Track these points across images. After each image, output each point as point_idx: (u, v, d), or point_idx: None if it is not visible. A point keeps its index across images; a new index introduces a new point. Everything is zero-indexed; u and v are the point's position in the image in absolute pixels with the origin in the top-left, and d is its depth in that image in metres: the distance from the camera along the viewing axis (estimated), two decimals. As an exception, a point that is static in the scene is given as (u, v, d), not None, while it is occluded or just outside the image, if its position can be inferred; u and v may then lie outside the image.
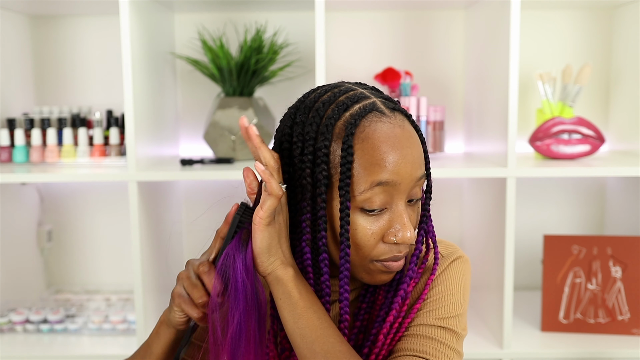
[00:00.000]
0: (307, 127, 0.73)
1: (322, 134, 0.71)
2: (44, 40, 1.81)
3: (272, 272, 0.71)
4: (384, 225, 0.72)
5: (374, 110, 0.72)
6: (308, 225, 0.72)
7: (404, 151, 0.71)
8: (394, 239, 0.72)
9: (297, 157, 0.73)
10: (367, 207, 0.71)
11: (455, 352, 0.75)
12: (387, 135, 0.70)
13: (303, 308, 0.70)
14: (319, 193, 0.71)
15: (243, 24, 1.79)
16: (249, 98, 1.59)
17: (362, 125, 0.71)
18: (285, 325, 0.71)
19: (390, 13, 1.79)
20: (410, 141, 0.72)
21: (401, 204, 0.72)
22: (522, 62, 1.79)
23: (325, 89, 0.76)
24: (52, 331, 1.59)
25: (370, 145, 0.70)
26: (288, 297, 0.70)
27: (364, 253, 0.72)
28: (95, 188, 1.85)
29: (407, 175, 0.71)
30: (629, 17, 1.69)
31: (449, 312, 0.77)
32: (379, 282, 0.76)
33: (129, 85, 1.39)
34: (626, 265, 1.53)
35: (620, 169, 1.42)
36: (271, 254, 0.71)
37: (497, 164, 1.46)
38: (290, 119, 0.76)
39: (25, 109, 1.77)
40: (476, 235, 1.69)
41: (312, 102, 0.75)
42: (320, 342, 0.69)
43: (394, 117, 0.73)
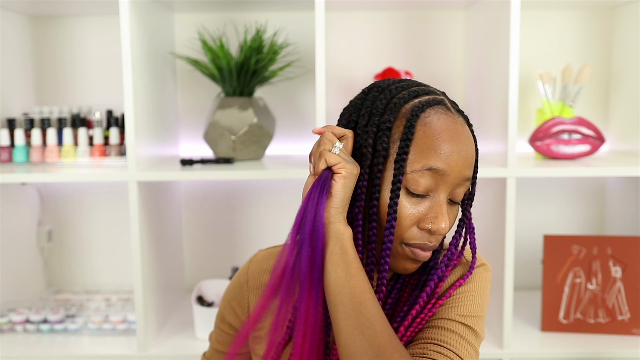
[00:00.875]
0: (376, 102, 0.77)
1: (390, 110, 0.76)
2: (44, 40, 1.81)
3: (335, 222, 0.73)
4: (423, 210, 0.75)
5: (441, 104, 0.76)
6: (363, 192, 0.75)
7: (459, 146, 0.75)
8: (429, 226, 0.74)
9: (362, 127, 0.77)
10: (413, 188, 0.74)
11: (474, 349, 0.77)
12: (448, 126, 0.75)
13: (357, 268, 0.72)
14: (376, 163, 0.74)
15: (243, 24, 1.79)
16: (249, 98, 1.59)
17: (427, 111, 0.75)
18: (334, 282, 0.71)
19: (390, 13, 1.79)
20: (467, 140, 0.76)
21: (443, 195, 0.75)
22: (522, 62, 1.79)
23: (401, 79, 0.82)
24: (52, 331, 1.59)
25: (431, 130, 0.74)
26: (344, 253, 0.72)
27: (398, 232, 0.75)
28: (95, 188, 1.85)
29: (457, 169, 0.74)
30: (629, 17, 1.69)
31: (470, 311, 0.78)
32: (402, 269, 0.77)
33: (129, 85, 1.39)
34: (626, 265, 1.53)
35: (620, 169, 1.42)
36: (342, 209, 0.73)
37: (497, 164, 1.46)
38: (363, 94, 0.81)
39: (25, 109, 1.77)
40: (476, 235, 1.69)
41: (385, 84, 0.80)
42: (368, 305, 0.70)
43: (457, 116, 0.77)
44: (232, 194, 1.85)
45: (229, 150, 1.59)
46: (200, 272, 1.88)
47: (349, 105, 0.82)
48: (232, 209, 1.85)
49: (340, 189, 0.72)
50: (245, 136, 1.57)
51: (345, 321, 0.69)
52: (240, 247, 1.87)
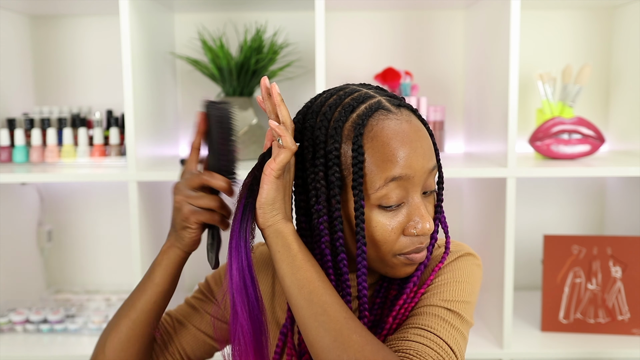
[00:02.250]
0: (316, 132, 0.74)
1: (332, 137, 0.73)
2: (44, 40, 1.81)
3: (272, 224, 0.73)
4: (403, 219, 0.74)
5: (380, 109, 0.73)
6: (326, 227, 0.74)
7: (413, 145, 0.72)
8: (414, 231, 0.73)
9: (309, 161, 0.75)
10: (384, 203, 0.72)
11: (460, 333, 0.75)
12: (395, 131, 0.72)
13: (302, 260, 0.71)
14: (333, 195, 0.72)
15: (243, 24, 1.79)
16: (249, 98, 1.59)
17: (369, 124, 0.72)
18: (283, 278, 0.72)
19: (390, 13, 1.79)
20: (419, 134, 0.74)
21: (417, 197, 0.74)
22: (522, 62, 1.79)
23: (331, 92, 0.78)
24: (52, 331, 1.59)
25: (380, 142, 0.71)
26: (287, 249, 0.72)
27: (387, 249, 0.74)
28: (95, 188, 1.85)
29: (420, 167, 0.73)
30: (629, 17, 1.69)
31: (454, 296, 0.77)
32: (403, 274, 0.77)
33: (129, 85, 1.39)
34: (626, 265, 1.53)
35: (620, 169, 1.42)
36: (275, 207, 0.73)
37: (497, 164, 1.46)
38: (299, 124, 0.78)
39: (25, 109, 1.77)
40: (476, 236, 1.69)
41: (318, 106, 0.77)
42: (319, 293, 0.70)
43: (400, 113, 0.74)
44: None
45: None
46: (200, 272, 1.88)
47: None
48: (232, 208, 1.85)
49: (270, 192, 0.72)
50: (245, 136, 1.57)
51: (300, 312, 0.70)
52: (240, 247, 1.87)
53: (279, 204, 0.73)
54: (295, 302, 0.70)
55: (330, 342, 0.67)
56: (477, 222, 1.67)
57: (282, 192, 0.73)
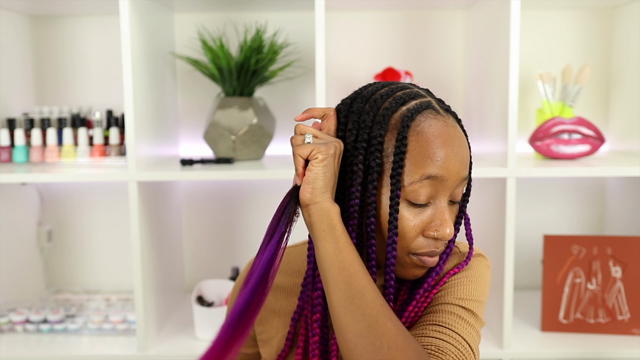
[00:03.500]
0: (363, 116, 0.76)
1: (378, 123, 0.74)
2: (44, 40, 1.81)
3: (320, 201, 0.72)
4: (426, 219, 0.74)
5: (429, 108, 0.75)
6: (356, 210, 0.74)
7: (454, 149, 0.74)
8: (435, 233, 0.74)
9: (351, 143, 0.76)
10: (413, 199, 0.73)
11: (475, 330, 0.76)
12: (440, 131, 0.74)
13: (345, 242, 0.72)
14: (371, 180, 0.73)
15: (243, 24, 1.79)
16: (249, 98, 1.59)
17: (417, 119, 0.74)
18: (324, 257, 0.71)
19: (390, 13, 1.79)
20: (461, 141, 0.75)
21: (444, 201, 0.75)
22: (522, 62, 1.79)
23: (383, 84, 0.80)
24: (52, 331, 1.59)
25: (424, 139, 0.73)
26: (332, 229, 0.72)
27: (403, 244, 0.75)
28: (95, 188, 1.85)
29: (455, 172, 0.74)
30: (629, 17, 1.69)
31: (468, 295, 0.78)
32: (411, 276, 0.77)
33: (129, 85, 1.39)
34: (626, 265, 1.53)
35: (620, 169, 1.42)
36: (326, 185, 0.73)
37: (497, 164, 1.46)
38: (346, 107, 0.79)
39: (25, 109, 1.77)
40: (476, 235, 1.69)
41: (369, 93, 0.78)
42: (359, 277, 0.70)
43: (447, 117, 0.76)
44: (232, 194, 1.85)
45: (229, 150, 1.59)
46: (200, 272, 1.88)
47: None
48: (232, 209, 1.85)
49: (320, 172, 0.72)
50: (245, 136, 1.57)
51: (337, 294, 0.70)
52: (241, 247, 1.87)
53: (329, 187, 0.73)
54: (333, 283, 0.70)
55: (364, 327, 0.67)
56: (477, 222, 1.67)
57: (332, 178, 0.73)
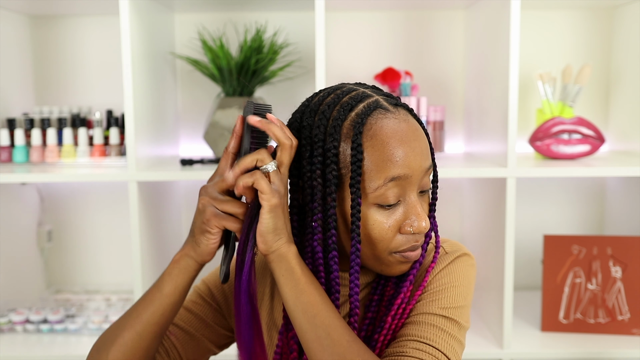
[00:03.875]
0: (314, 130, 0.74)
1: (331, 135, 0.73)
2: (44, 40, 1.81)
3: (275, 249, 0.72)
4: (400, 217, 0.74)
5: (378, 108, 0.74)
6: (320, 225, 0.74)
7: (412, 144, 0.73)
8: (411, 229, 0.74)
9: (306, 159, 0.75)
10: (383, 202, 0.73)
11: (457, 341, 0.76)
12: (394, 130, 0.73)
13: (305, 284, 0.72)
14: (329, 192, 0.73)
15: (243, 24, 1.79)
16: (249, 98, 1.59)
17: (368, 123, 0.73)
18: (287, 301, 0.72)
19: (390, 13, 1.79)
20: (416, 134, 0.74)
21: (414, 195, 0.75)
22: (522, 62, 1.79)
23: (328, 91, 0.78)
24: (52, 331, 1.59)
25: (379, 142, 0.72)
26: (291, 273, 0.72)
27: (383, 246, 0.74)
28: (95, 188, 1.85)
29: (418, 167, 0.73)
30: (629, 17, 1.69)
31: (451, 303, 0.78)
32: (398, 272, 0.78)
33: (129, 85, 1.39)
34: (626, 265, 1.53)
35: (620, 169, 1.42)
36: (277, 233, 0.72)
37: (497, 164, 1.46)
38: (297, 123, 0.78)
39: (25, 109, 1.77)
40: (476, 235, 1.69)
41: (316, 105, 0.77)
42: (322, 316, 0.70)
43: (397, 112, 0.75)
44: (232, 194, 1.85)
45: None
46: (200, 272, 1.88)
47: None
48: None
49: (271, 223, 0.71)
50: (245, 136, 1.57)
51: (304, 336, 0.71)
52: (240, 247, 1.87)
53: (281, 228, 0.72)
54: (298, 325, 0.71)
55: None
56: (477, 222, 1.67)
57: (282, 216, 0.72)
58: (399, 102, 0.77)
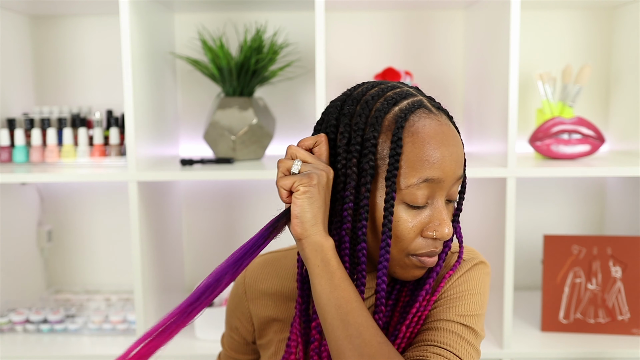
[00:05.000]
0: (355, 119, 0.74)
1: (372, 125, 0.72)
2: (44, 40, 1.81)
3: (312, 235, 0.70)
4: (424, 220, 0.73)
5: (422, 107, 0.74)
6: (350, 214, 0.73)
7: (450, 149, 0.73)
8: (433, 234, 0.73)
9: (343, 147, 0.74)
10: (412, 202, 0.72)
11: (475, 349, 0.76)
12: (435, 131, 0.72)
13: (340, 278, 0.70)
14: (364, 183, 0.72)
15: (243, 24, 1.79)
16: (249, 98, 1.59)
17: (411, 119, 0.72)
18: (320, 294, 0.70)
19: (390, 13, 1.79)
20: (455, 140, 0.74)
21: (441, 201, 0.74)
22: (522, 62, 1.79)
23: (372, 84, 0.78)
24: (52, 331, 1.59)
25: (420, 140, 0.72)
26: (327, 265, 0.70)
27: (402, 246, 0.74)
28: (95, 188, 1.85)
29: (451, 172, 0.73)
30: (629, 17, 1.69)
31: (469, 310, 0.78)
32: (411, 277, 0.76)
33: (129, 85, 1.39)
34: (626, 265, 1.53)
35: (620, 169, 1.42)
36: (315, 218, 0.70)
37: (497, 164, 1.46)
38: (337, 110, 0.77)
39: (25, 109, 1.77)
40: (476, 235, 1.69)
41: (359, 95, 0.76)
42: (355, 314, 0.69)
43: (440, 115, 0.75)
44: (232, 194, 1.85)
45: (229, 150, 1.59)
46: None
47: (320, 122, 0.79)
48: (232, 209, 1.85)
49: (306, 204, 0.70)
50: (245, 136, 1.57)
51: (334, 332, 0.69)
52: (240, 247, 1.86)
53: (320, 219, 0.71)
54: (330, 321, 0.69)
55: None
56: (477, 222, 1.67)
57: (323, 209, 0.71)
58: (441, 106, 0.77)
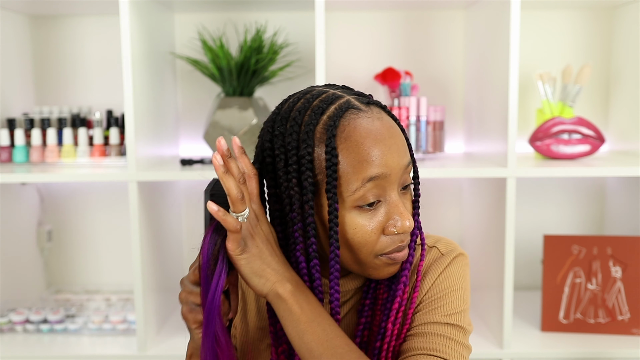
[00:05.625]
0: (287, 138, 0.72)
1: (304, 141, 0.71)
2: (44, 40, 1.81)
3: (268, 291, 0.71)
4: (382, 218, 0.72)
5: (350, 108, 0.72)
6: (300, 234, 0.72)
7: (387, 142, 0.71)
8: (395, 229, 0.72)
9: (282, 169, 0.73)
10: (362, 203, 0.71)
11: (464, 347, 0.76)
12: (368, 130, 0.71)
13: (306, 323, 0.70)
14: (306, 200, 0.71)
15: (243, 24, 1.79)
16: (249, 98, 1.59)
17: (341, 125, 0.71)
18: (292, 341, 0.71)
19: (390, 13, 1.79)
20: (391, 131, 0.72)
21: (394, 194, 0.72)
22: (522, 62, 1.79)
23: (297, 96, 0.76)
24: (52, 331, 1.59)
25: (354, 143, 0.70)
26: (289, 313, 0.70)
27: (368, 250, 0.72)
28: (95, 188, 1.85)
29: (395, 165, 0.71)
30: (629, 17, 1.69)
31: (453, 308, 0.77)
32: (386, 275, 0.76)
33: (129, 85, 1.39)
34: (626, 265, 1.53)
35: (620, 169, 1.42)
36: (261, 276, 0.71)
37: (497, 164, 1.46)
38: (269, 132, 0.75)
39: (25, 109, 1.77)
40: (476, 235, 1.69)
41: (287, 112, 0.74)
42: (329, 354, 0.69)
43: (370, 111, 0.73)
44: (232, 194, 1.85)
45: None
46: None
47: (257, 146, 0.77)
48: (232, 209, 1.85)
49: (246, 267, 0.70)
50: (245, 136, 1.57)
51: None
52: (240, 247, 1.86)
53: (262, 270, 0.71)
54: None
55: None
56: (477, 222, 1.67)
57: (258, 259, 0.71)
58: (371, 100, 0.75)
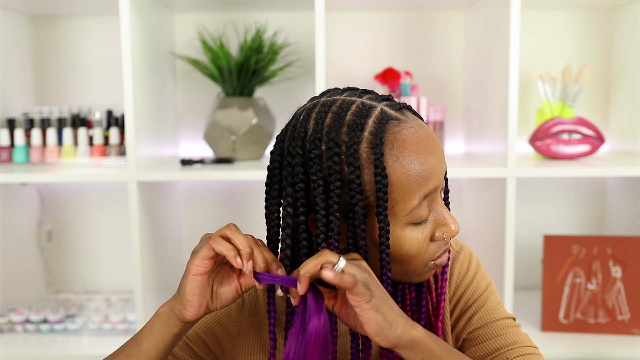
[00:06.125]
0: (328, 162, 0.66)
1: (350, 164, 0.65)
2: (44, 40, 1.81)
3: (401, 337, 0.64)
4: (431, 227, 0.70)
5: (389, 120, 0.67)
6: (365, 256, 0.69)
7: (434, 152, 0.68)
8: (445, 236, 0.70)
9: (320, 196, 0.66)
10: (417, 220, 0.68)
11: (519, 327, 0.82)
12: (415, 142, 0.67)
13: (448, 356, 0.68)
14: (358, 224, 0.66)
15: (243, 24, 1.79)
16: (249, 98, 1.59)
17: (387, 141, 0.66)
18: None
19: (390, 13, 1.79)
20: (433, 137, 0.69)
21: (440, 202, 0.71)
22: (522, 62, 1.79)
23: (323, 110, 0.69)
24: (52, 331, 1.59)
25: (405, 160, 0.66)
26: (431, 354, 0.66)
27: (419, 260, 0.70)
28: (95, 188, 1.85)
29: (442, 173, 0.69)
30: (629, 17, 1.69)
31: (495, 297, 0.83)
32: (427, 278, 0.75)
33: (129, 85, 1.39)
34: (626, 265, 1.53)
35: (620, 169, 1.42)
36: (392, 325, 0.64)
37: (497, 164, 1.46)
38: (299, 155, 0.68)
39: (25, 109, 1.77)
40: (476, 235, 1.69)
41: (317, 130, 0.67)
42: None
43: (407, 118, 0.69)
44: (232, 194, 1.85)
45: (229, 150, 1.59)
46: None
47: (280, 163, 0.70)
48: (232, 209, 1.85)
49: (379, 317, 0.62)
50: (245, 136, 1.57)
51: None
52: (240, 247, 1.86)
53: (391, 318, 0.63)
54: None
55: None
56: (477, 222, 1.67)
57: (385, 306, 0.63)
58: (400, 104, 0.70)
